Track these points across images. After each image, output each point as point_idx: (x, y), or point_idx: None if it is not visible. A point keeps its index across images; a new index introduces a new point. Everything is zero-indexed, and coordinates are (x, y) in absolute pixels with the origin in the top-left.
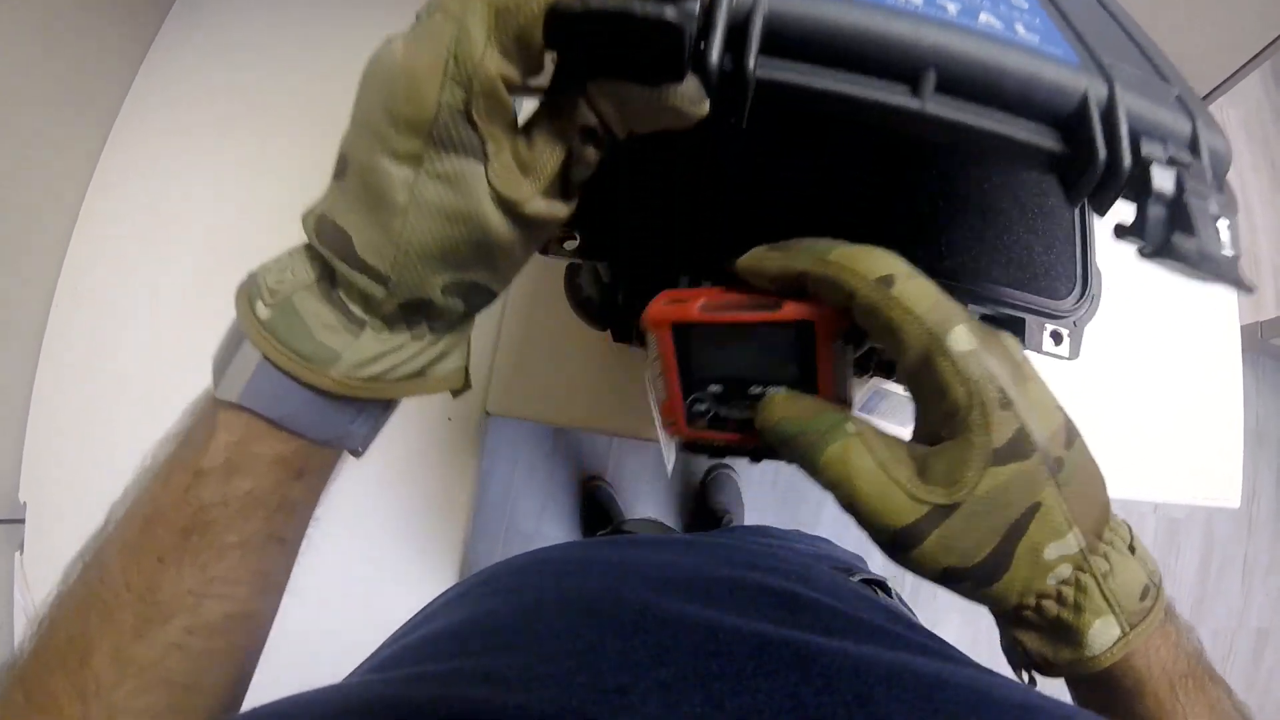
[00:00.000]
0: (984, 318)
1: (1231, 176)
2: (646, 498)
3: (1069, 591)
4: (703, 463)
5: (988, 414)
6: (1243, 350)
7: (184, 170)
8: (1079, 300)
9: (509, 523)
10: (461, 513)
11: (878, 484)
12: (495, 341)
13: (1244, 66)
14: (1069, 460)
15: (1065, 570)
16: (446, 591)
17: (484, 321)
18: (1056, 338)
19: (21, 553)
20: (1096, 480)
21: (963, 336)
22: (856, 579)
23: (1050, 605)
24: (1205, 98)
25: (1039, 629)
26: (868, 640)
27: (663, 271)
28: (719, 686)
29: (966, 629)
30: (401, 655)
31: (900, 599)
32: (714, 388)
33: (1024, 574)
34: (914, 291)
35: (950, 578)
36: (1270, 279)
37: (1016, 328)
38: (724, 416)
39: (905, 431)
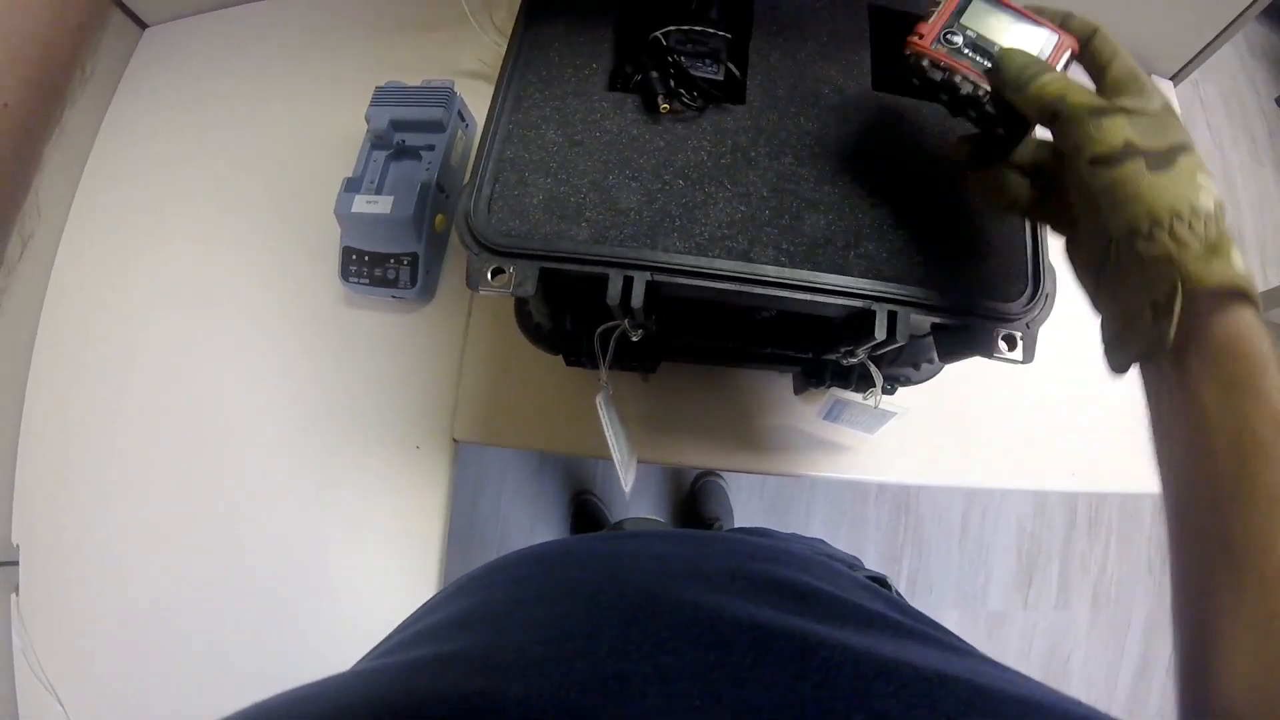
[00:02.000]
0: (935, 326)
1: (1212, 151)
2: (636, 508)
3: (1214, 222)
4: (691, 472)
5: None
6: None
7: (161, 200)
8: (1030, 301)
9: (500, 539)
10: (434, 539)
11: (1080, 87)
12: (459, 369)
13: (1215, 39)
14: None
15: (1209, 203)
16: (444, 589)
17: (448, 351)
18: (1010, 342)
19: (17, 594)
20: None
21: None
22: (858, 574)
23: (1205, 221)
24: (1178, 73)
25: (1190, 246)
26: (868, 628)
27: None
28: (718, 677)
29: (965, 625)
30: (402, 648)
31: (900, 595)
32: (970, 33)
33: (1184, 180)
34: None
35: (1129, 151)
36: (1255, 253)
37: (965, 334)
38: (962, 51)
39: (870, 437)
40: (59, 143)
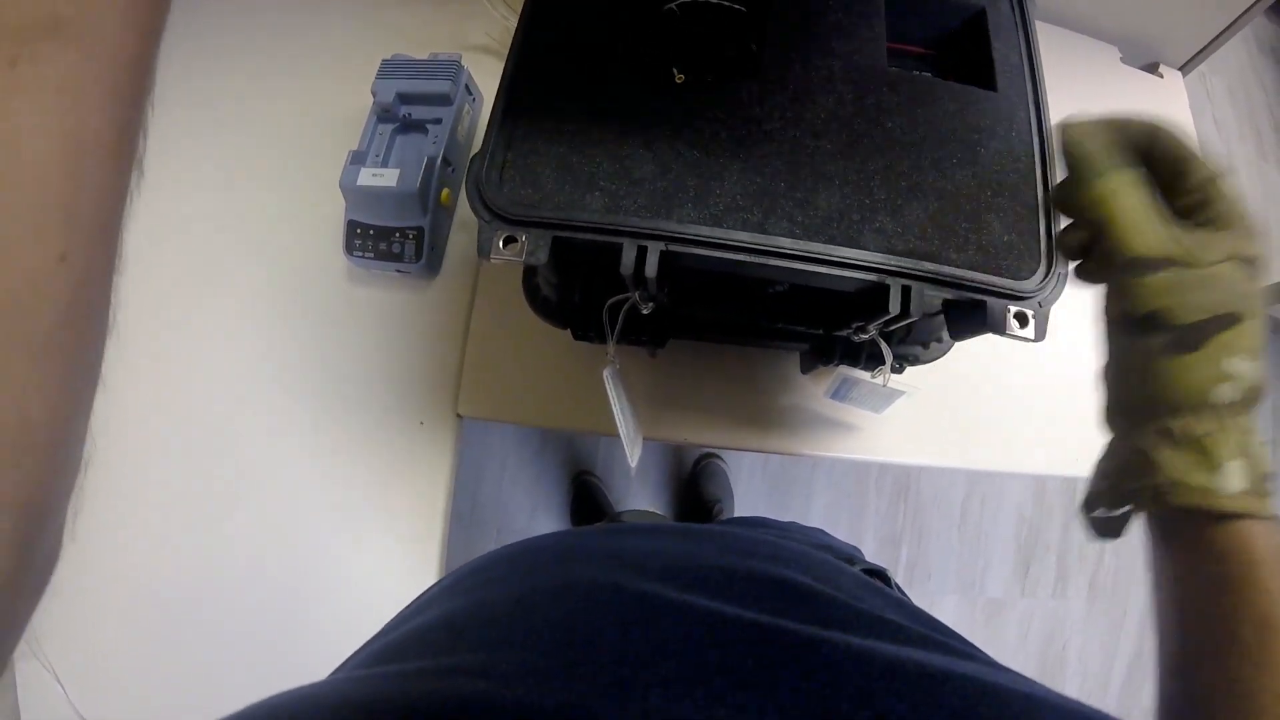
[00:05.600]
0: (946, 302)
1: (1218, 145)
2: (637, 490)
3: (1227, 420)
4: (692, 454)
5: (1251, 230)
6: None
7: (162, 173)
8: (1044, 279)
9: (501, 521)
10: (438, 516)
11: (1143, 215)
12: (463, 345)
13: (1223, 32)
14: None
15: (1231, 393)
16: (439, 581)
17: (453, 326)
18: (1021, 320)
19: None
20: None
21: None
22: (856, 569)
23: (1205, 422)
24: (1187, 64)
25: (1183, 447)
26: (869, 632)
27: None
28: (720, 681)
29: (962, 611)
30: (397, 647)
31: (899, 589)
32: None
33: (1204, 367)
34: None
35: (1153, 323)
36: None
37: (977, 311)
38: None
39: (877, 417)
40: None
